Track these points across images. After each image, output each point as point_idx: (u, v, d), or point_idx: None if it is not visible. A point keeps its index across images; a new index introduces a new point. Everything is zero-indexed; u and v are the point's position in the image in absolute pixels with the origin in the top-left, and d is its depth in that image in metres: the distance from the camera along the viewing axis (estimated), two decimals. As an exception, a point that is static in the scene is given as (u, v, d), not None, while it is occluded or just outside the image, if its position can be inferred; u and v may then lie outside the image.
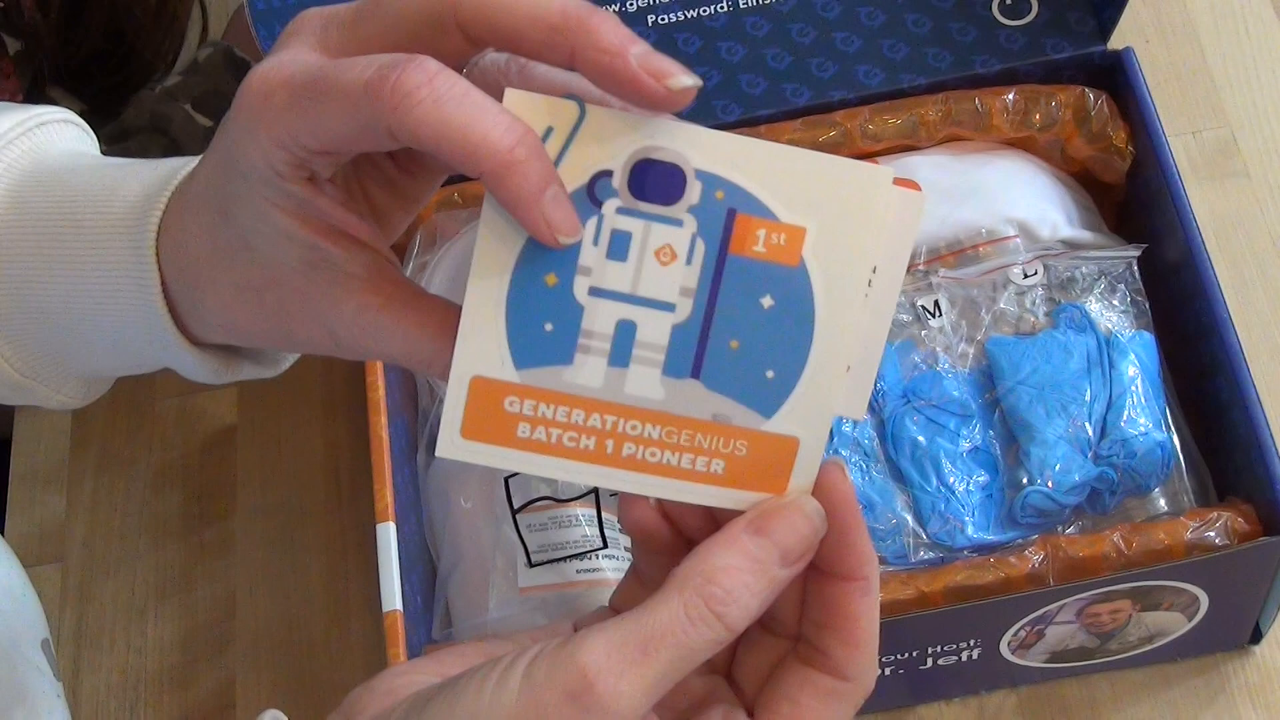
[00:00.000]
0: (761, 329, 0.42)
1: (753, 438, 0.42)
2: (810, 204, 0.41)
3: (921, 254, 0.79)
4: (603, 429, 0.42)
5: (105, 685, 0.86)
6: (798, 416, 0.42)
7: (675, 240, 0.42)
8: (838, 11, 0.84)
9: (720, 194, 0.41)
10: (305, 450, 0.91)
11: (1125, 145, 0.81)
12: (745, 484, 0.43)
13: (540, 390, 0.42)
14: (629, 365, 0.42)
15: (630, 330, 0.42)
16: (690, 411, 0.42)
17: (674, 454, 0.43)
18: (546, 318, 0.41)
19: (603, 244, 0.41)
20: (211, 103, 0.91)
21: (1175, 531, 0.70)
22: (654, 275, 0.41)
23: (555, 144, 0.41)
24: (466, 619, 0.77)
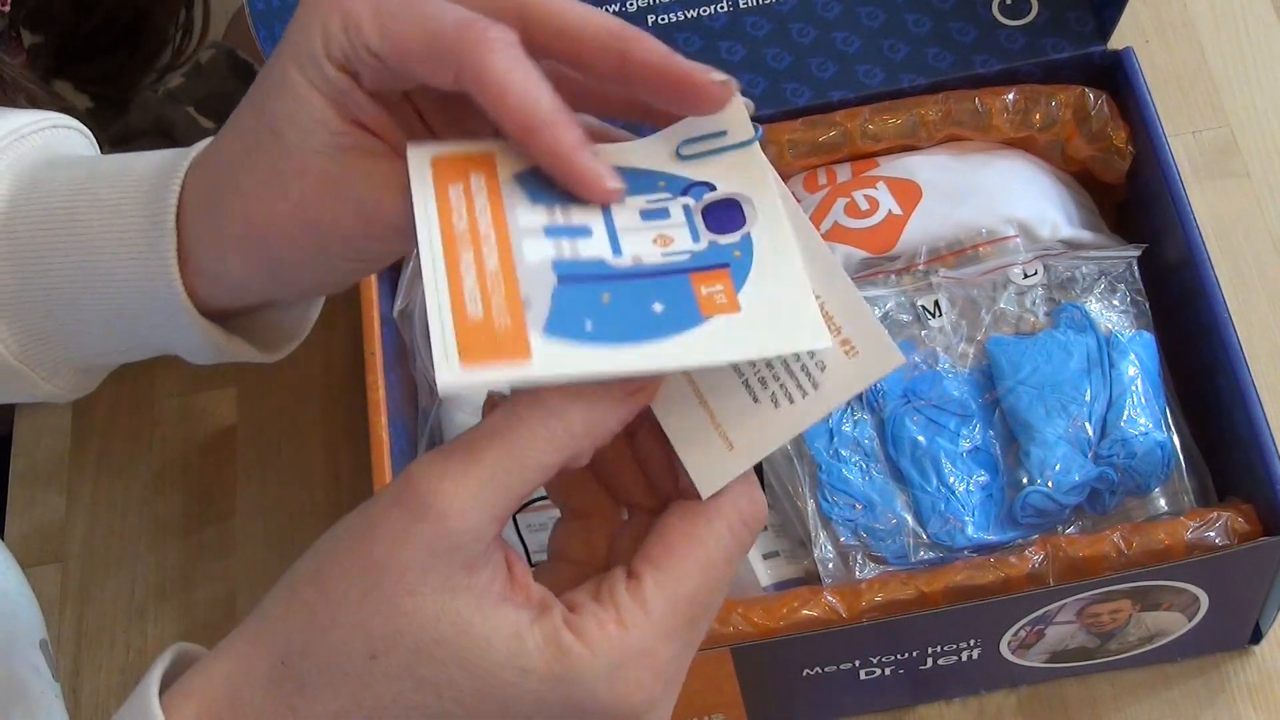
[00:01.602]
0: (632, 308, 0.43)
1: (515, 324, 0.43)
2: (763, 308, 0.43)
3: (922, 254, 0.79)
4: (478, 233, 0.44)
5: (105, 685, 0.86)
6: (552, 352, 0.42)
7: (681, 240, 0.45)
8: (838, 11, 0.84)
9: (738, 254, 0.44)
10: (305, 450, 0.91)
11: (1125, 145, 0.81)
12: (458, 325, 0.43)
13: (500, 190, 0.45)
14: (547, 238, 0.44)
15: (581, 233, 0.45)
16: (520, 276, 0.43)
17: (470, 272, 0.44)
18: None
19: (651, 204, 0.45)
20: (214, 105, 0.90)
21: (1175, 531, 0.70)
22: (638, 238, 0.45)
23: None
24: (466, 619, 0.77)
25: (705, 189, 0.45)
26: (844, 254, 0.79)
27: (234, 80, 0.91)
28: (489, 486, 0.41)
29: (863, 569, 0.73)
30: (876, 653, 0.72)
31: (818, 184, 0.82)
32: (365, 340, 0.77)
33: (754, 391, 0.43)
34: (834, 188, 0.81)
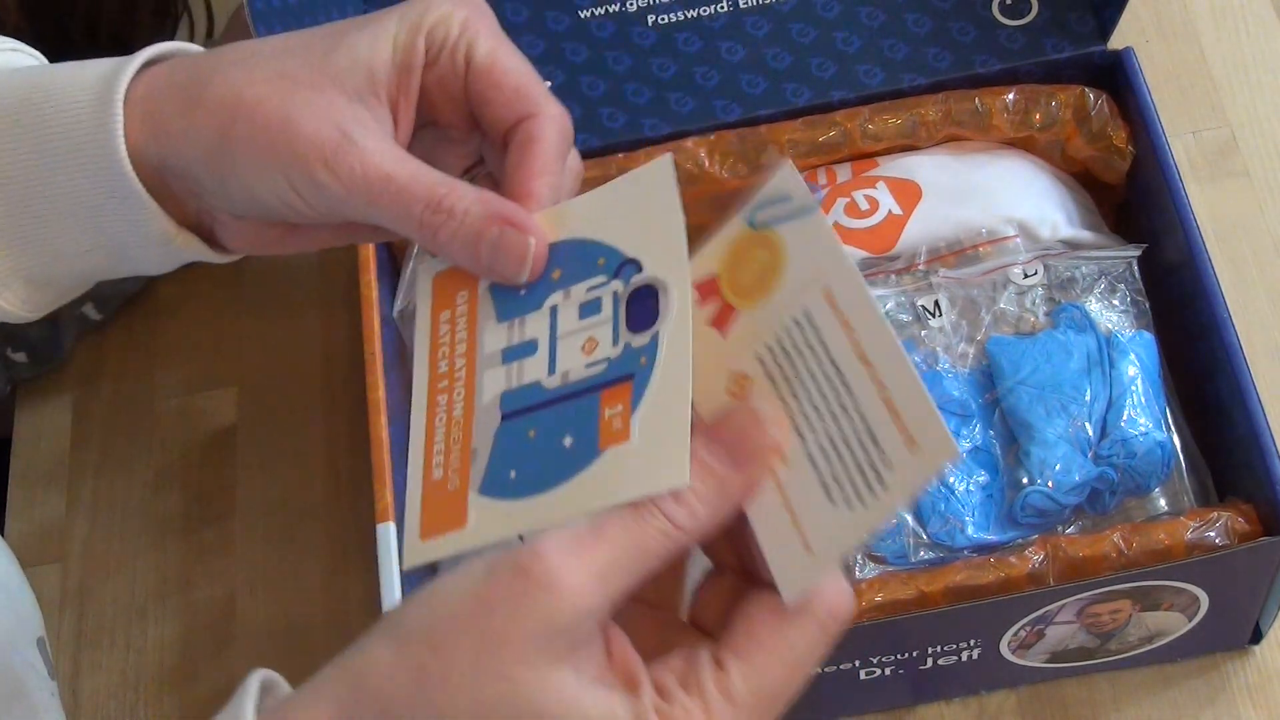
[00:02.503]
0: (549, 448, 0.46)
1: (460, 489, 0.47)
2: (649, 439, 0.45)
3: (922, 254, 0.79)
4: (454, 374, 0.48)
5: (105, 685, 0.86)
6: (483, 514, 0.46)
7: (602, 346, 0.47)
8: (838, 11, 0.84)
9: (644, 360, 0.46)
10: (305, 450, 0.91)
11: (1125, 145, 0.81)
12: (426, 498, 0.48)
13: (475, 313, 0.49)
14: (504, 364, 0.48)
15: (529, 350, 0.48)
16: (474, 430, 0.47)
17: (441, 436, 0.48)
18: (528, 289, 0.48)
19: (590, 294, 0.48)
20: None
21: (1175, 531, 0.70)
22: (573, 346, 0.47)
23: None
24: (466, 619, 0.77)
25: (633, 269, 0.46)
26: (844, 254, 0.79)
27: None
28: (612, 570, 0.42)
29: (863, 569, 0.73)
30: (876, 653, 0.72)
31: (818, 184, 0.82)
32: (365, 340, 0.78)
33: (829, 491, 0.44)
34: (834, 188, 0.81)
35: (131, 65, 0.51)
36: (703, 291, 0.47)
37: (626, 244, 0.47)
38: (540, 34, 0.86)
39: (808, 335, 0.45)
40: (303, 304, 0.94)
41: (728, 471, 0.44)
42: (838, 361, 0.44)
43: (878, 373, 0.43)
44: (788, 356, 0.45)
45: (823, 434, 0.44)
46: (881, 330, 0.43)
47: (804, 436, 0.44)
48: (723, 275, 0.47)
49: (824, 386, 0.44)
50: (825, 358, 0.44)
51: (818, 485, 0.44)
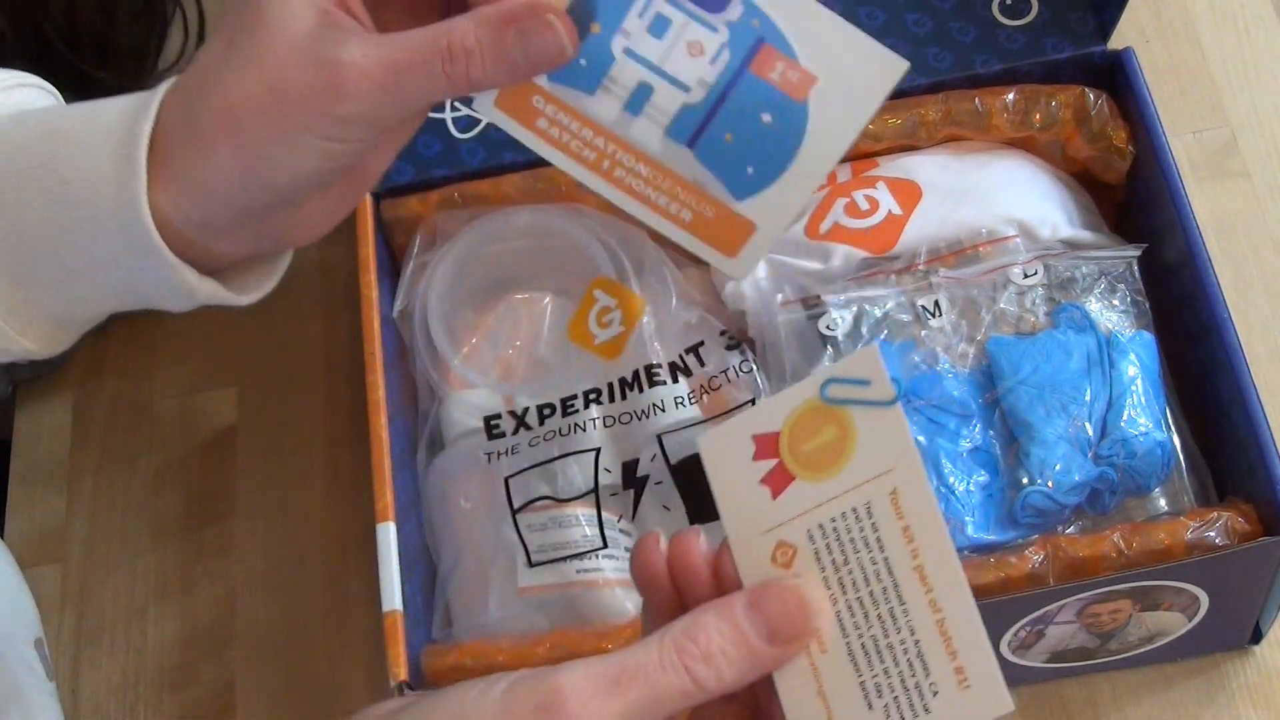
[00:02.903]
0: (755, 135, 0.47)
1: (720, 208, 0.48)
2: (829, 62, 0.46)
3: (922, 254, 0.79)
4: (604, 150, 0.49)
5: (105, 685, 0.86)
6: (761, 209, 0.48)
7: (707, 41, 0.47)
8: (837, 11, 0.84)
9: (756, 22, 0.46)
10: (305, 450, 0.91)
11: (1125, 145, 0.81)
12: (702, 235, 0.49)
13: (563, 102, 0.49)
14: (639, 115, 0.48)
15: (647, 91, 0.48)
16: (677, 169, 0.48)
17: (654, 190, 0.49)
18: (583, 55, 0.48)
19: (646, 19, 0.47)
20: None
21: (1175, 531, 0.70)
22: (680, 59, 0.47)
23: None
24: (466, 619, 0.77)
25: None
26: (844, 254, 0.79)
27: None
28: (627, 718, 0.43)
29: (863, 569, 0.73)
30: (876, 653, 0.72)
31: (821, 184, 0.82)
32: (365, 340, 0.78)
33: (869, 697, 0.45)
34: (834, 188, 0.81)
35: (146, 122, 0.51)
36: (761, 446, 0.47)
37: None
38: (540, 34, 0.86)
39: (865, 530, 0.45)
40: (303, 304, 0.94)
41: (762, 645, 0.45)
42: (894, 569, 0.45)
43: (936, 597, 0.44)
44: (840, 544, 0.46)
45: (868, 636, 0.45)
46: (946, 553, 0.44)
47: (847, 631, 0.45)
48: (785, 436, 0.47)
49: (875, 589, 0.45)
50: (881, 559, 0.45)
51: (857, 686, 0.45)
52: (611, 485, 0.78)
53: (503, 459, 0.78)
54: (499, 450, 0.79)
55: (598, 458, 0.78)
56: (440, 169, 0.83)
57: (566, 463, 0.78)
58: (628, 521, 0.78)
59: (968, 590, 0.44)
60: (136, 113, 0.51)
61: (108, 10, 0.89)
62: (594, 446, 0.78)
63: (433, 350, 0.81)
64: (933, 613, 0.44)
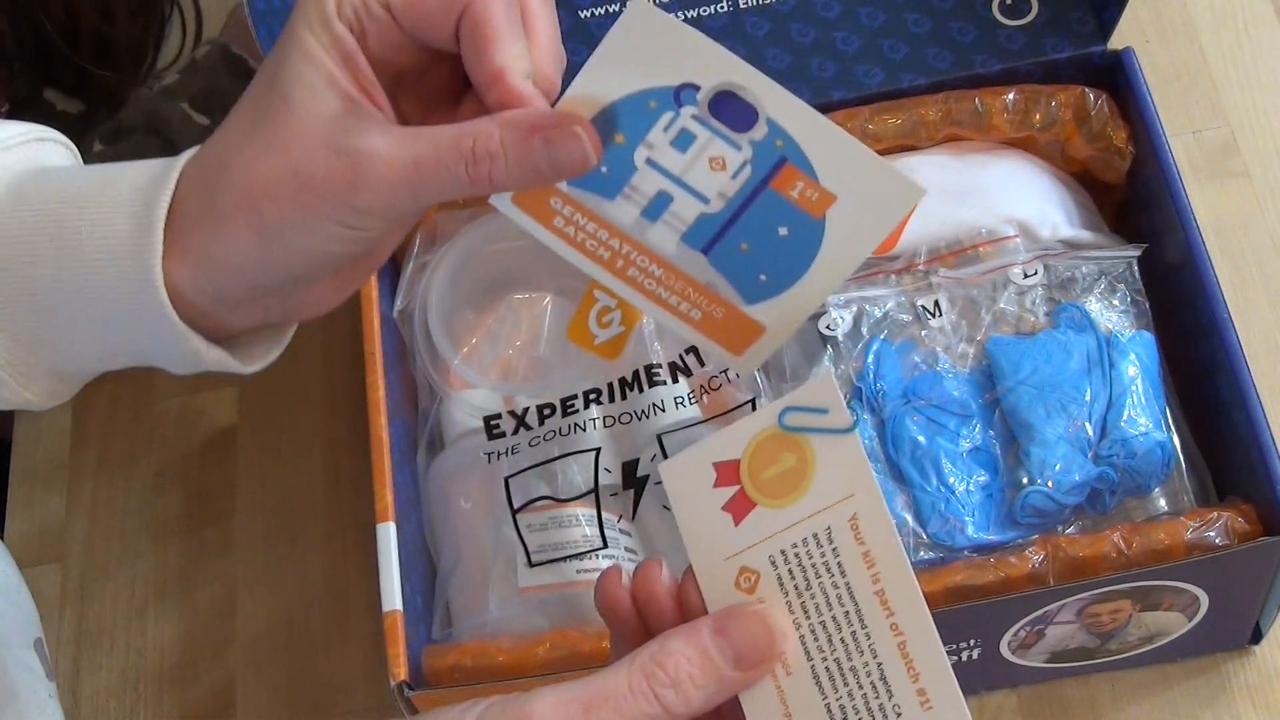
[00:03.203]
0: (770, 246, 0.48)
1: (730, 310, 0.49)
2: (849, 183, 0.46)
3: (922, 254, 0.79)
4: (618, 250, 0.50)
5: (105, 685, 0.86)
6: (771, 314, 0.48)
7: (729, 157, 0.47)
8: (838, 11, 0.84)
9: (780, 143, 0.47)
10: (305, 450, 0.91)
11: (1125, 145, 0.81)
12: (710, 333, 0.49)
13: (581, 205, 0.49)
14: (656, 221, 0.49)
15: (666, 200, 0.48)
16: (690, 271, 0.49)
17: (665, 290, 0.49)
18: (606, 162, 0.48)
19: (670, 133, 0.48)
20: (209, 101, 0.90)
21: (1175, 531, 0.70)
22: (701, 173, 0.48)
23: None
24: (466, 619, 0.77)
25: (690, 90, 0.48)
26: (844, 254, 0.79)
27: (229, 77, 0.91)
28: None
29: (863, 569, 0.73)
30: (876, 653, 0.72)
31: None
32: (365, 340, 0.78)
33: (834, 719, 0.46)
34: (834, 188, 0.81)
35: (165, 192, 0.51)
36: (722, 474, 0.48)
37: (662, 79, 0.48)
38: (540, 34, 0.86)
39: (826, 556, 0.46)
40: (303, 304, 0.94)
41: (729, 670, 0.46)
42: (856, 594, 0.46)
43: (898, 620, 0.45)
44: (802, 569, 0.47)
45: (832, 659, 0.46)
46: (906, 578, 0.45)
47: (811, 654, 0.46)
48: (745, 464, 0.48)
49: (838, 613, 0.46)
50: (843, 584, 0.46)
51: (822, 709, 0.46)
52: (611, 485, 0.78)
53: (503, 459, 0.78)
54: (499, 450, 0.79)
55: (598, 458, 0.78)
56: (440, 169, 0.83)
57: (566, 463, 0.78)
58: (628, 521, 0.78)
59: (927, 614, 0.45)
60: (156, 182, 0.52)
61: (106, 9, 0.89)
62: (594, 446, 0.78)
63: (433, 350, 0.81)
64: (894, 636, 0.46)
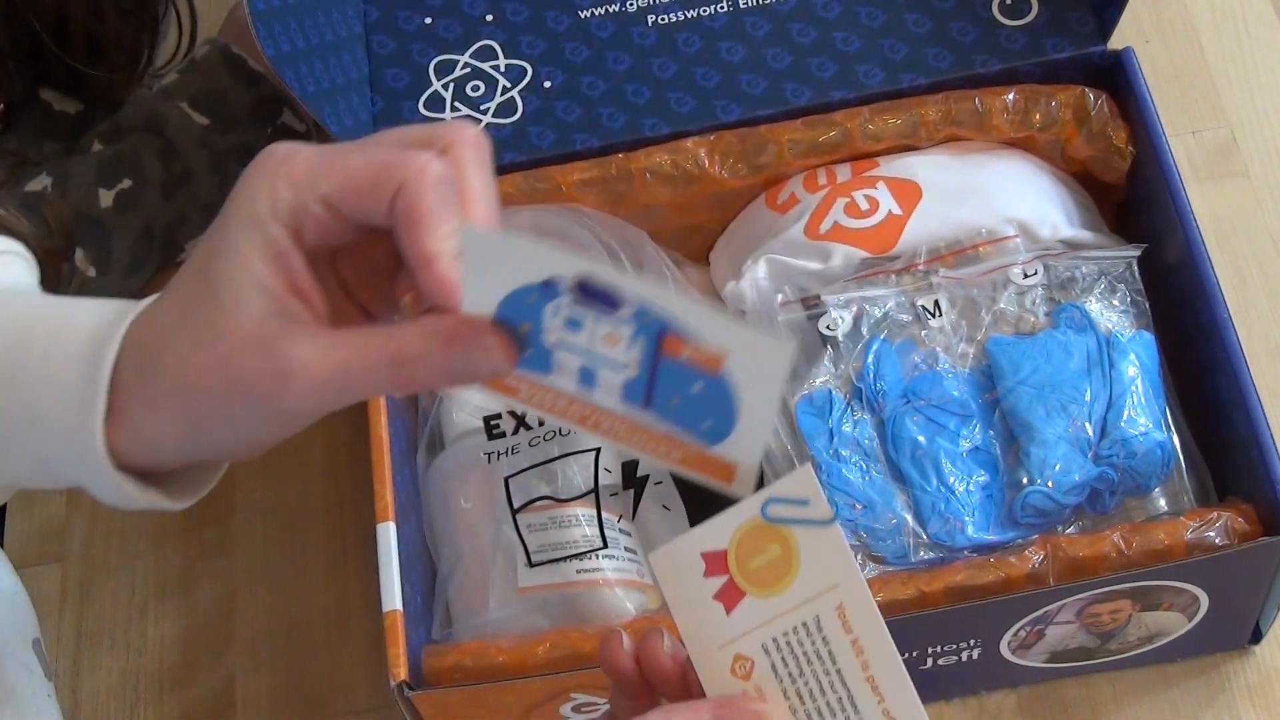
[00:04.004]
0: (695, 400, 0.47)
1: (699, 450, 0.48)
2: (728, 341, 0.46)
3: (922, 254, 0.79)
4: (583, 411, 0.49)
5: (105, 685, 0.86)
6: (735, 448, 0.48)
7: (619, 332, 0.47)
8: (838, 11, 0.84)
9: (654, 314, 0.46)
10: (305, 450, 0.91)
11: (1125, 145, 0.81)
12: (698, 469, 0.49)
13: (532, 381, 0.49)
14: (594, 388, 0.48)
15: (590, 372, 0.48)
16: (648, 424, 0.48)
17: (639, 438, 0.49)
18: (530, 347, 0.48)
19: (560, 318, 0.47)
20: (208, 101, 0.90)
21: (1175, 531, 0.70)
22: (603, 348, 0.48)
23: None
24: (466, 619, 0.77)
25: (553, 284, 0.47)
26: (844, 254, 0.79)
27: (228, 77, 0.91)
28: None
29: (863, 569, 0.73)
30: (876, 653, 0.72)
31: (818, 184, 0.82)
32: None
33: None
34: (834, 188, 0.81)
35: (108, 358, 0.52)
36: (710, 564, 0.49)
37: (526, 279, 0.48)
38: (540, 34, 0.86)
39: (817, 644, 0.48)
40: (303, 304, 0.94)
41: None
42: (847, 680, 0.47)
43: (889, 706, 0.47)
44: (795, 657, 0.48)
45: None
46: (894, 665, 0.47)
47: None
48: (732, 554, 0.49)
49: (831, 699, 0.47)
50: (834, 671, 0.47)
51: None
52: (611, 485, 0.78)
53: (503, 459, 0.78)
54: (499, 450, 0.79)
55: (598, 458, 0.78)
56: (440, 169, 0.83)
57: (566, 463, 0.78)
58: (628, 521, 0.78)
59: (917, 700, 0.47)
60: (103, 337, 0.52)
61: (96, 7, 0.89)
62: (594, 446, 0.78)
63: (433, 350, 0.81)
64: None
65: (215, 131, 0.90)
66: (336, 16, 0.84)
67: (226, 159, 0.90)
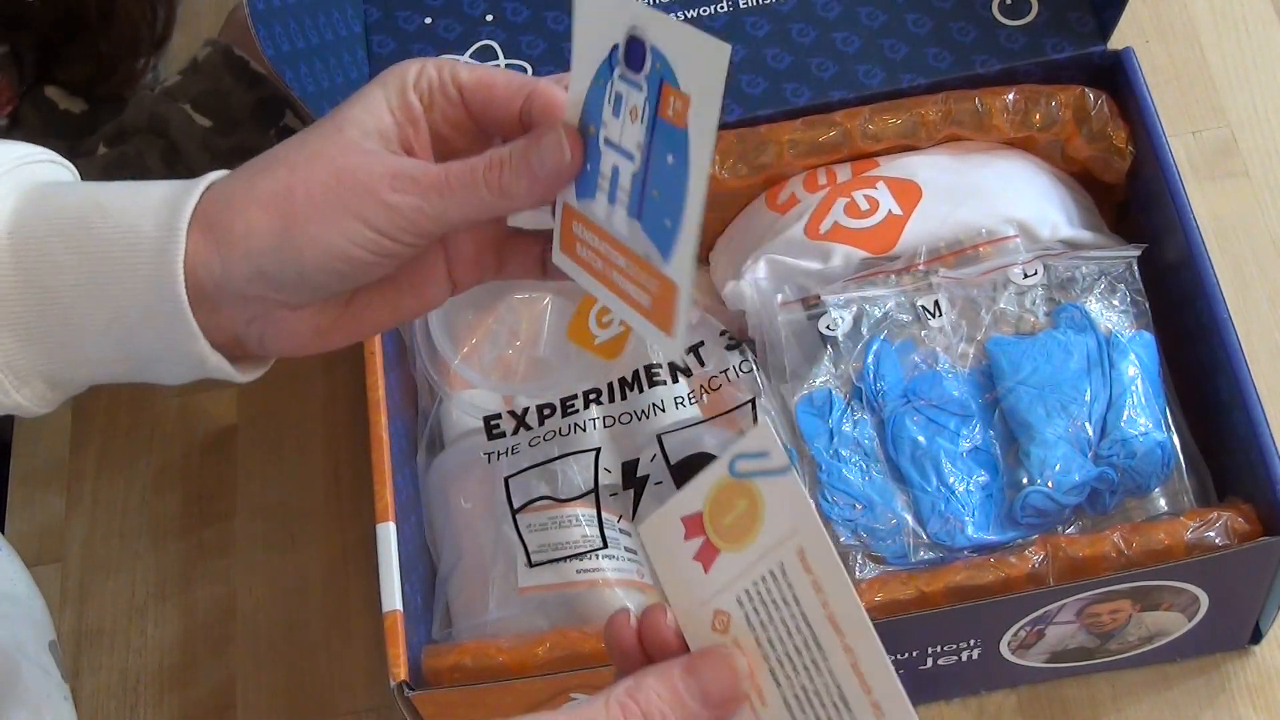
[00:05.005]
0: (665, 180, 0.50)
1: (659, 278, 0.52)
2: (690, 75, 0.49)
3: (922, 254, 0.79)
4: (603, 254, 0.54)
5: (105, 685, 0.86)
6: (677, 266, 0.51)
7: (638, 101, 0.51)
8: (838, 11, 0.84)
9: (657, 65, 0.50)
10: (305, 450, 0.91)
11: (1125, 145, 0.81)
12: (653, 318, 0.53)
13: (585, 218, 0.54)
14: (614, 203, 0.52)
15: (616, 174, 0.52)
16: (636, 248, 0.52)
17: (628, 282, 0.53)
18: (588, 159, 0.53)
19: (610, 102, 0.52)
20: (210, 102, 0.90)
21: (1175, 531, 0.70)
22: (629, 130, 0.51)
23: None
24: (466, 619, 0.77)
25: (614, 52, 0.51)
26: (844, 254, 0.79)
27: (230, 78, 0.91)
28: None
29: (863, 569, 0.73)
30: (876, 653, 0.72)
31: (818, 184, 0.82)
32: (365, 340, 0.78)
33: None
34: (834, 188, 0.81)
35: (193, 196, 0.54)
36: (689, 527, 0.51)
37: (601, 52, 0.51)
38: (540, 34, 0.86)
39: (783, 589, 0.49)
40: (303, 304, 0.94)
41: (698, 708, 0.49)
42: (811, 621, 0.49)
43: (848, 640, 0.48)
44: (764, 605, 0.49)
45: (798, 685, 0.49)
46: (850, 600, 0.48)
47: (780, 683, 0.50)
48: (707, 515, 0.51)
49: (798, 641, 0.49)
50: (799, 614, 0.49)
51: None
52: (611, 485, 0.78)
53: (503, 459, 0.79)
54: (499, 450, 0.79)
55: (598, 458, 0.78)
56: (440, 169, 0.83)
57: (566, 463, 0.78)
58: (628, 521, 0.78)
59: (872, 630, 0.48)
60: (183, 190, 0.55)
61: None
62: (594, 446, 0.78)
63: (433, 350, 0.81)
64: (847, 656, 0.48)
65: (217, 133, 0.90)
66: (336, 16, 0.84)
67: (228, 161, 0.90)
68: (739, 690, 0.50)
